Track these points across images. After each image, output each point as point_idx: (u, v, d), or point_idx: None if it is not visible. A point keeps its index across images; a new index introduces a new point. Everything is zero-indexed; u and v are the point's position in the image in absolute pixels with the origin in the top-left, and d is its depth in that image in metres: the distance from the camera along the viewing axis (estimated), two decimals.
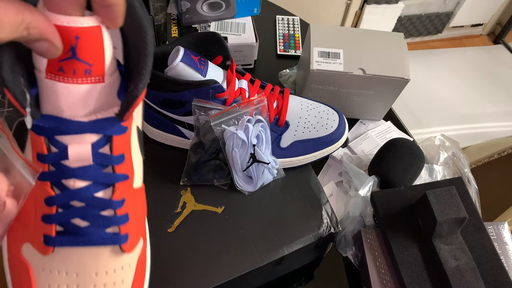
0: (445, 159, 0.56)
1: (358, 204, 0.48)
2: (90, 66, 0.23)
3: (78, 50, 0.22)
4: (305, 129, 0.48)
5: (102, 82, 0.24)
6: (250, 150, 0.42)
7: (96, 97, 0.24)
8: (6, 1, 0.19)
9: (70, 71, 0.23)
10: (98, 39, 0.23)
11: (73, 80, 0.23)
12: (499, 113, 1.64)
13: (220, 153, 0.45)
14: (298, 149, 0.48)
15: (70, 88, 0.24)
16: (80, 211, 0.27)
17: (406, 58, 0.57)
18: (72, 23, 0.21)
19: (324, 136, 0.48)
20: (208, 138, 0.44)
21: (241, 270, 0.39)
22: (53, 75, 0.23)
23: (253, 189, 0.45)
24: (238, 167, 0.43)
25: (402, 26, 1.85)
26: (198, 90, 0.42)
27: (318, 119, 0.49)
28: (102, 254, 0.28)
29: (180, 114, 0.45)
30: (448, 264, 0.39)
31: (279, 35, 0.78)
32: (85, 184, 0.26)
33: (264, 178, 0.45)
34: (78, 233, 0.27)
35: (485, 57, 1.94)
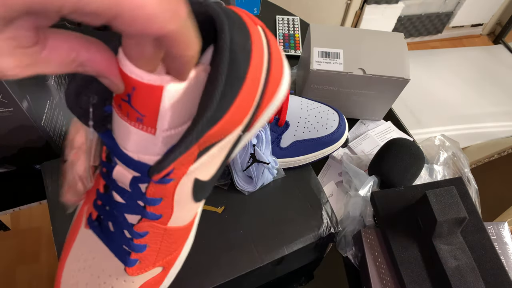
0: (445, 159, 0.56)
1: (358, 204, 0.49)
2: (142, 116, 0.23)
3: (133, 99, 0.22)
4: (305, 129, 0.48)
5: (152, 133, 0.24)
6: (250, 150, 0.42)
7: (145, 143, 0.24)
8: (62, 37, 0.19)
9: (125, 111, 0.23)
10: (155, 97, 0.22)
11: (127, 120, 0.24)
12: (499, 113, 1.64)
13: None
14: (298, 149, 0.48)
15: (124, 124, 0.24)
16: (113, 218, 0.29)
17: (406, 58, 0.57)
18: (133, 74, 0.21)
19: (324, 136, 0.48)
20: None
21: (241, 270, 0.39)
22: (115, 106, 0.24)
23: (253, 189, 0.45)
24: (238, 167, 0.43)
25: (402, 26, 1.85)
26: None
27: (318, 119, 0.49)
28: (112, 260, 0.30)
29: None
30: (448, 264, 0.39)
31: (279, 35, 0.78)
32: (121, 201, 0.28)
33: (264, 178, 0.45)
34: (106, 232, 0.30)
35: (485, 57, 1.94)
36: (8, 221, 0.53)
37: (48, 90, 0.52)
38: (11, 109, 0.43)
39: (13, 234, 0.52)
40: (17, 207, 0.52)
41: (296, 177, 0.47)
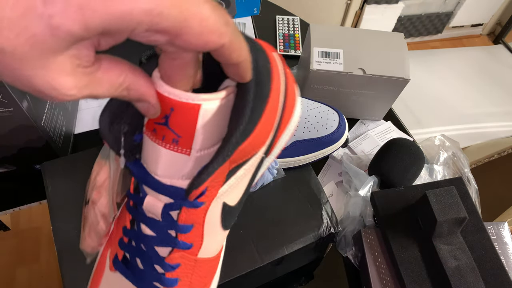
0: (445, 159, 0.56)
1: (358, 204, 0.49)
2: (178, 137, 0.23)
3: (170, 120, 0.23)
4: (305, 129, 0.48)
5: (187, 154, 0.24)
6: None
7: (179, 166, 0.25)
8: (112, 60, 0.19)
9: (160, 135, 0.24)
10: (193, 116, 0.23)
11: (161, 144, 0.24)
12: (499, 113, 1.64)
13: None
14: (298, 149, 0.48)
15: (157, 148, 0.24)
16: (142, 254, 0.28)
17: (406, 58, 0.57)
18: (172, 95, 0.22)
19: (324, 136, 0.48)
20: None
21: (241, 270, 0.39)
22: (148, 132, 0.25)
23: (253, 189, 0.44)
24: None
25: (402, 26, 1.85)
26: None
27: (318, 119, 0.49)
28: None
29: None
30: (448, 264, 0.39)
31: (279, 35, 0.78)
32: (151, 234, 0.28)
33: (264, 179, 0.45)
34: (134, 271, 0.29)
35: (485, 57, 1.94)
36: (8, 221, 0.53)
37: None
38: (11, 109, 0.43)
39: (13, 234, 0.53)
40: (17, 207, 0.52)
41: (296, 177, 0.47)
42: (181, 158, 0.24)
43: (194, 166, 0.25)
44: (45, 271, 0.50)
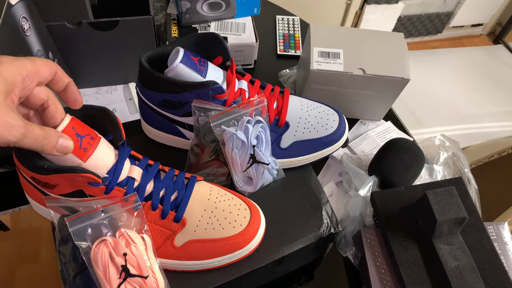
0: (445, 159, 0.56)
1: (358, 204, 0.49)
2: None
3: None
4: (305, 130, 0.48)
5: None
6: (250, 151, 0.42)
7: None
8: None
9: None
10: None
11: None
12: (499, 113, 1.64)
13: (220, 154, 0.45)
14: (298, 150, 0.47)
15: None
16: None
17: (406, 58, 0.57)
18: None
19: (324, 137, 0.48)
20: (208, 139, 0.44)
21: (241, 270, 0.39)
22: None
23: (253, 190, 0.44)
24: (238, 168, 0.43)
25: (402, 26, 1.85)
26: (198, 91, 0.41)
27: (318, 119, 0.49)
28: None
29: (180, 115, 0.45)
30: (448, 264, 0.39)
31: (279, 35, 0.78)
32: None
33: (264, 179, 0.45)
34: None
35: (485, 57, 1.94)
36: (8, 221, 0.53)
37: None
38: None
39: (13, 234, 0.53)
40: (17, 207, 0.52)
41: (296, 177, 0.47)
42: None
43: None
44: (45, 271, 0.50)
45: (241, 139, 0.41)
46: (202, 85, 0.41)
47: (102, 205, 0.34)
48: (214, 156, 0.45)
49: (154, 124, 0.48)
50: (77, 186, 0.34)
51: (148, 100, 0.45)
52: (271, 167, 0.44)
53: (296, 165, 0.48)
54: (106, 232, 0.34)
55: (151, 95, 0.44)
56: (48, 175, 0.32)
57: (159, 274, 0.34)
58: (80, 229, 0.33)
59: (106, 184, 0.35)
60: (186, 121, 0.46)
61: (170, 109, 0.45)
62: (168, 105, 0.44)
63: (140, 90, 0.45)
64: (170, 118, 0.46)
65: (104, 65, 0.62)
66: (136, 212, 0.35)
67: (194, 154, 0.45)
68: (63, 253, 0.36)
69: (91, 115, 0.36)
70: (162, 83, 0.41)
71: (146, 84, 0.43)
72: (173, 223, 0.37)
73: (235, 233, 0.37)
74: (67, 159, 0.33)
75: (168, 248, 0.37)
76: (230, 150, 0.42)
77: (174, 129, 0.47)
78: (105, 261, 0.32)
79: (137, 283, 0.32)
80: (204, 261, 0.38)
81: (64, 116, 0.33)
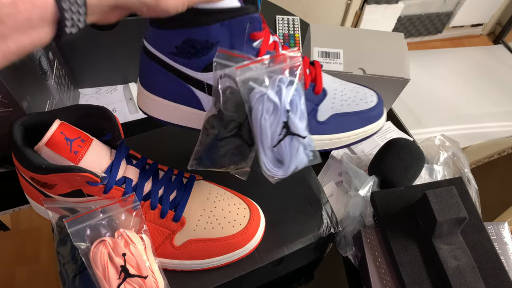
0: (445, 159, 0.56)
1: (358, 204, 0.48)
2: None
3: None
4: (343, 102, 0.40)
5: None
6: (283, 118, 0.33)
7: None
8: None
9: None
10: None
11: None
12: (499, 113, 1.64)
13: (242, 128, 0.35)
14: (338, 125, 0.39)
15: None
16: None
17: (406, 58, 0.57)
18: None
19: (366, 110, 0.40)
20: (230, 107, 0.34)
21: (241, 270, 0.39)
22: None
23: (284, 174, 0.35)
24: (267, 142, 0.33)
25: (402, 26, 1.85)
26: (233, 21, 0.33)
27: (355, 92, 0.41)
28: None
29: (201, 69, 0.35)
30: (448, 264, 0.39)
31: (279, 35, 0.78)
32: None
33: (298, 160, 0.35)
34: None
35: (485, 57, 1.94)
36: (8, 221, 0.53)
37: (48, 90, 0.52)
38: (11, 109, 0.43)
39: (13, 234, 0.52)
40: (17, 207, 0.52)
41: (296, 177, 0.47)
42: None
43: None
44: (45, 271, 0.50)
45: (273, 100, 0.32)
46: (238, 11, 0.32)
47: (100, 205, 0.34)
48: (236, 131, 0.35)
49: (161, 89, 0.37)
50: (75, 185, 0.34)
51: (160, 49, 0.35)
52: (307, 143, 0.35)
53: (335, 146, 0.40)
54: (105, 232, 0.34)
55: (165, 39, 0.35)
56: (46, 175, 0.32)
57: (159, 274, 0.34)
58: (79, 229, 0.33)
59: (104, 183, 0.35)
60: (207, 79, 0.35)
61: (190, 57, 0.35)
62: (187, 51, 0.34)
63: (150, 38, 0.36)
64: (186, 76, 0.36)
65: (104, 65, 0.62)
66: (135, 212, 0.35)
67: (211, 127, 0.35)
68: (62, 254, 0.36)
69: (89, 115, 0.36)
70: (184, 14, 0.31)
71: (161, 22, 0.34)
72: (172, 223, 0.37)
73: (234, 232, 0.37)
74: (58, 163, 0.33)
75: (167, 248, 0.37)
76: (258, 115, 0.33)
77: (189, 95, 0.37)
78: (104, 261, 0.32)
79: (136, 283, 0.32)
80: (203, 261, 0.38)
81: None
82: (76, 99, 0.63)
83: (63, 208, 0.35)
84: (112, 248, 0.33)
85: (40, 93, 0.49)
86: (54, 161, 0.33)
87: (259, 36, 0.34)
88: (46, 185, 0.34)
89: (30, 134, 0.35)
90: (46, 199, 0.36)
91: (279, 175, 0.35)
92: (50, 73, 0.52)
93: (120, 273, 0.32)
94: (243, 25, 0.33)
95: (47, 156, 0.33)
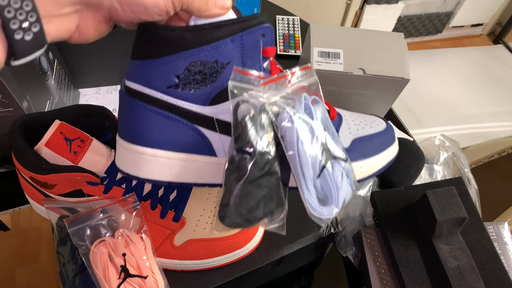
0: (445, 159, 0.56)
1: (358, 204, 0.48)
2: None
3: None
4: (358, 126, 0.37)
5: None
6: (321, 139, 0.28)
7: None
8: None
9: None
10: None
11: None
12: (499, 113, 1.64)
13: (275, 163, 0.28)
14: (364, 149, 0.35)
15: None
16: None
17: (406, 58, 0.57)
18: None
19: (381, 132, 0.37)
20: (255, 139, 0.27)
21: (241, 270, 0.39)
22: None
23: (331, 214, 0.28)
24: (308, 172, 0.27)
25: (402, 26, 1.85)
26: (245, 34, 0.27)
27: (363, 118, 0.39)
28: None
29: (209, 102, 0.28)
30: (448, 264, 0.39)
31: (279, 35, 0.78)
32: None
33: (345, 191, 0.29)
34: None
35: (485, 57, 1.93)
36: (8, 221, 0.53)
37: (48, 90, 0.52)
38: (11, 109, 0.43)
39: (13, 234, 0.52)
40: (17, 207, 0.52)
41: None
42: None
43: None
44: (45, 271, 0.50)
45: (306, 121, 0.27)
46: (250, 20, 0.27)
47: (100, 205, 0.34)
48: (269, 168, 0.28)
49: (157, 138, 0.28)
50: (75, 185, 0.34)
51: (152, 85, 0.27)
52: (349, 168, 0.29)
53: (367, 174, 0.36)
54: (105, 232, 0.34)
55: (160, 70, 0.27)
56: (46, 175, 0.33)
57: (159, 274, 0.34)
58: (79, 229, 0.33)
59: (104, 183, 0.35)
60: (217, 113, 0.28)
61: (195, 88, 0.27)
62: (193, 80, 0.27)
63: (136, 74, 0.27)
64: (191, 114, 0.28)
65: (104, 65, 0.62)
66: (135, 212, 0.35)
67: (236, 168, 0.27)
68: (62, 254, 0.36)
69: (89, 115, 0.36)
70: (183, 36, 0.25)
71: (152, 49, 0.27)
72: (172, 223, 0.37)
73: (234, 232, 0.37)
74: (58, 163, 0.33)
75: (167, 248, 0.37)
76: (293, 140, 0.27)
77: (196, 139, 0.28)
78: (104, 261, 0.32)
79: (136, 283, 0.32)
80: (203, 261, 0.38)
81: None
82: (76, 99, 0.63)
83: (63, 208, 0.35)
84: (112, 248, 0.33)
85: (40, 93, 0.49)
86: (54, 161, 0.33)
87: (270, 53, 0.29)
88: (46, 185, 0.34)
89: (30, 134, 0.35)
90: (46, 199, 0.36)
91: (327, 215, 0.28)
92: (50, 73, 0.52)
93: (120, 273, 0.32)
94: (256, 38, 0.27)
95: (47, 156, 0.33)
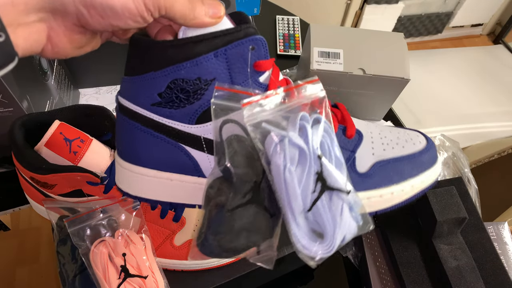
0: (445, 159, 0.56)
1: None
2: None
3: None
4: (385, 146, 0.31)
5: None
6: (314, 168, 0.24)
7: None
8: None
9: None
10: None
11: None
12: (499, 113, 1.64)
13: (260, 191, 0.25)
14: (386, 175, 0.30)
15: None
16: None
17: (406, 58, 0.57)
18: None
19: (416, 154, 0.32)
20: (239, 163, 0.25)
21: (241, 270, 0.39)
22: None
23: (327, 251, 0.24)
24: (297, 204, 0.24)
25: (402, 26, 1.85)
26: (230, 48, 0.25)
27: (396, 133, 0.33)
28: None
29: (195, 120, 0.26)
30: (448, 264, 0.39)
31: (279, 35, 0.78)
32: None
33: (345, 227, 0.24)
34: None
35: (485, 57, 1.93)
36: (8, 221, 0.53)
37: (48, 90, 0.52)
38: (11, 109, 0.43)
39: (13, 234, 0.52)
40: (17, 207, 0.52)
41: None
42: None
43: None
44: (45, 271, 0.50)
45: (298, 145, 0.24)
46: (235, 32, 0.24)
47: (100, 205, 0.34)
48: (252, 195, 0.25)
49: (145, 157, 0.27)
50: (75, 185, 0.34)
51: (139, 102, 0.26)
52: (353, 201, 0.25)
53: (387, 205, 0.31)
54: (105, 232, 0.34)
55: (143, 86, 0.26)
56: (46, 175, 0.33)
57: (159, 274, 0.34)
58: (79, 230, 0.33)
59: (104, 183, 0.35)
60: (203, 132, 0.26)
61: (179, 106, 0.26)
62: (175, 98, 0.25)
63: (125, 90, 0.27)
64: (176, 132, 0.26)
65: (104, 65, 0.62)
66: (135, 212, 0.35)
67: (216, 193, 0.25)
68: (62, 254, 0.36)
69: (89, 115, 0.36)
70: (167, 52, 0.24)
71: (136, 66, 0.25)
72: (172, 223, 0.37)
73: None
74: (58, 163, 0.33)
75: (167, 248, 0.37)
76: (280, 167, 0.24)
77: (183, 158, 0.27)
78: (105, 261, 0.32)
79: (136, 283, 0.32)
80: (203, 261, 0.38)
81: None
82: (76, 99, 0.63)
83: (63, 208, 0.35)
84: (112, 248, 0.33)
85: (40, 93, 0.49)
86: (54, 161, 0.33)
87: (265, 66, 0.26)
88: (46, 185, 0.34)
89: (30, 134, 0.35)
90: (46, 199, 0.36)
91: (320, 254, 0.24)
92: (50, 73, 0.52)
93: (120, 273, 0.32)
94: (244, 52, 0.25)
95: (47, 156, 0.33)
